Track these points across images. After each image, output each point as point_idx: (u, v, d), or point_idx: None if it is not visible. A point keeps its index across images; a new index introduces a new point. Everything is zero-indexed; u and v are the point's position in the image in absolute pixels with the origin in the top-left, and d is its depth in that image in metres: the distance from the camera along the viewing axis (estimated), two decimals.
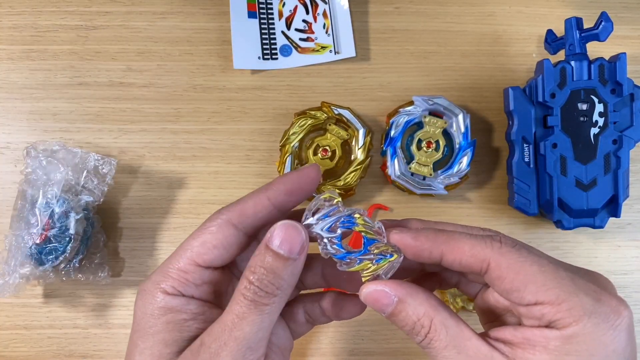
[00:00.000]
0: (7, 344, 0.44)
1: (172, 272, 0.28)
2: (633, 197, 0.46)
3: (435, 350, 0.26)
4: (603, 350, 0.23)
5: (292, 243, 0.27)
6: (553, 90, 0.42)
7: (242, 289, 0.26)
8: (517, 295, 0.25)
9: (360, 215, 0.28)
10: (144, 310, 0.28)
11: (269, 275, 0.26)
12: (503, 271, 0.25)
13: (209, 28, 0.47)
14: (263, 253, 0.27)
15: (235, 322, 0.26)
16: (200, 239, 0.29)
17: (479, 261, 0.26)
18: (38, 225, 0.40)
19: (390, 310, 0.27)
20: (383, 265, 0.28)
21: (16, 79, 0.46)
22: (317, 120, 0.44)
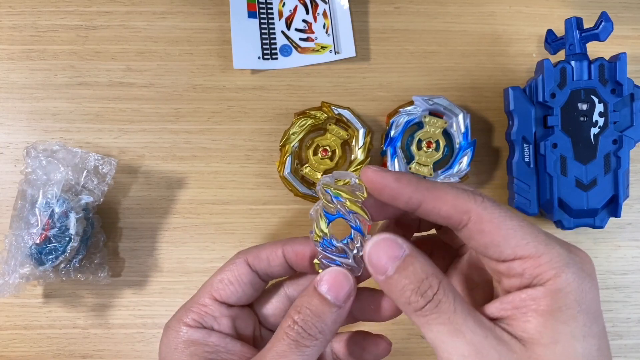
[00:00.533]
0: (7, 344, 0.44)
1: (192, 307, 0.30)
2: (633, 197, 0.46)
3: (443, 314, 0.24)
4: (585, 297, 0.24)
5: (340, 290, 0.27)
6: (553, 90, 0.42)
7: (286, 327, 0.27)
8: (496, 250, 0.24)
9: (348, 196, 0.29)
10: (169, 346, 0.29)
11: (314, 318, 0.27)
12: (485, 225, 0.24)
13: (208, 28, 0.47)
14: (310, 295, 0.28)
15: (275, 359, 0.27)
16: (219, 276, 0.30)
17: (460, 212, 0.25)
18: (38, 225, 0.40)
19: (397, 265, 0.25)
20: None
21: (16, 78, 0.46)
22: (317, 120, 0.44)
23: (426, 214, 0.26)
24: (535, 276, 0.24)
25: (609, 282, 0.46)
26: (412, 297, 0.25)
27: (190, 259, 0.45)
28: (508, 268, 0.25)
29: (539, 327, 0.23)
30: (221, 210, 0.46)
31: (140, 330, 0.45)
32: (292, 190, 0.44)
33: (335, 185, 0.29)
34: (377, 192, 0.26)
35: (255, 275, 0.31)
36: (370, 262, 0.26)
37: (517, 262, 0.24)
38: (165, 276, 0.45)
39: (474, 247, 0.26)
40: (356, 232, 0.29)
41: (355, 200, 0.28)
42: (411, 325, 0.45)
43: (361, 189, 0.28)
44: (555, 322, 0.23)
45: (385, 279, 0.26)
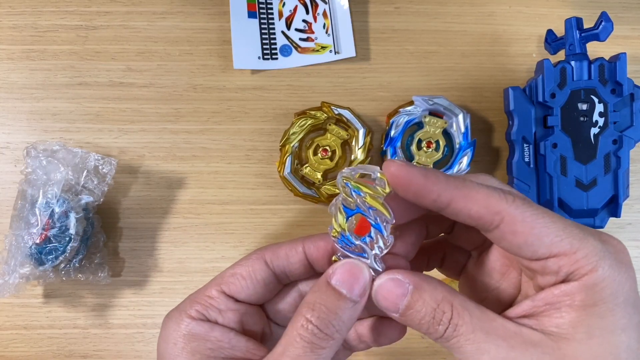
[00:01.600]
0: (7, 344, 0.44)
1: (198, 298, 0.28)
2: (633, 197, 0.46)
3: (463, 336, 0.23)
4: (622, 289, 0.23)
5: (354, 283, 0.25)
6: (553, 90, 0.42)
7: (299, 328, 0.25)
8: (530, 250, 0.23)
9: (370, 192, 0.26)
10: (167, 339, 0.27)
11: (330, 315, 0.25)
12: (518, 225, 0.23)
13: (208, 28, 0.47)
14: (324, 290, 0.25)
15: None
16: (232, 270, 0.28)
17: (492, 213, 0.23)
18: (38, 225, 0.40)
19: (406, 302, 0.24)
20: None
21: (16, 78, 0.46)
22: (317, 120, 0.44)
23: (454, 214, 0.24)
24: (570, 272, 0.23)
25: None
26: (430, 328, 0.24)
27: (190, 259, 0.45)
28: (543, 266, 0.24)
29: (573, 322, 0.22)
30: (221, 210, 0.46)
31: (140, 330, 0.45)
32: (292, 190, 0.44)
33: (355, 178, 0.27)
34: (402, 188, 0.25)
35: (271, 274, 0.29)
36: (379, 304, 0.25)
37: (552, 260, 0.23)
38: (165, 276, 0.45)
39: (506, 248, 0.25)
40: (376, 230, 0.26)
41: (376, 196, 0.26)
42: None
43: (383, 184, 0.26)
44: (590, 316, 0.22)
45: (399, 317, 0.25)
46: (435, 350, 0.45)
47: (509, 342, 0.23)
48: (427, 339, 0.45)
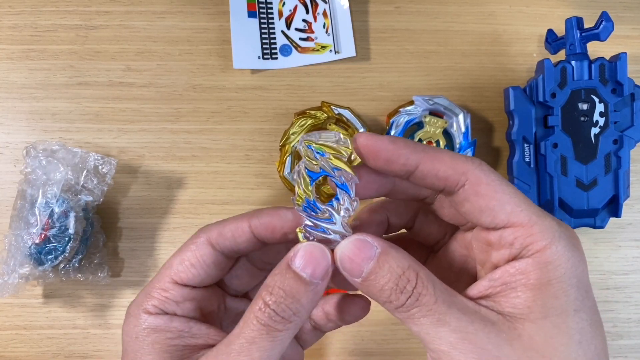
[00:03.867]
0: (6, 345, 0.44)
1: (153, 292, 0.27)
2: (634, 197, 0.46)
3: (425, 306, 0.23)
4: (575, 271, 0.23)
5: (316, 266, 0.25)
6: (553, 90, 0.42)
7: (256, 311, 0.24)
8: (490, 215, 0.24)
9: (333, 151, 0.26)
10: (129, 334, 0.27)
11: (288, 299, 0.24)
12: (482, 187, 0.24)
13: (208, 28, 0.47)
14: (283, 273, 0.25)
15: (244, 346, 0.24)
16: (179, 257, 0.28)
17: (458, 173, 0.24)
18: (37, 225, 0.40)
19: (372, 266, 0.24)
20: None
21: (15, 78, 0.46)
22: (317, 120, 0.44)
23: (422, 177, 0.25)
24: (525, 246, 0.23)
25: (609, 283, 0.46)
26: (391, 295, 0.23)
27: None
28: (499, 237, 0.24)
29: (527, 302, 0.23)
30: (221, 210, 0.46)
31: None
32: (292, 190, 0.44)
33: (318, 140, 0.26)
34: (372, 156, 0.25)
35: (219, 255, 0.28)
36: (343, 267, 0.25)
37: (509, 230, 0.24)
38: None
39: (467, 212, 0.25)
40: (342, 191, 0.26)
41: (340, 156, 0.26)
42: None
43: (346, 144, 0.26)
44: (544, 296, 0.23)
45: (361, 282, 0.24)
46: None
47: (470, 316, 0.23)
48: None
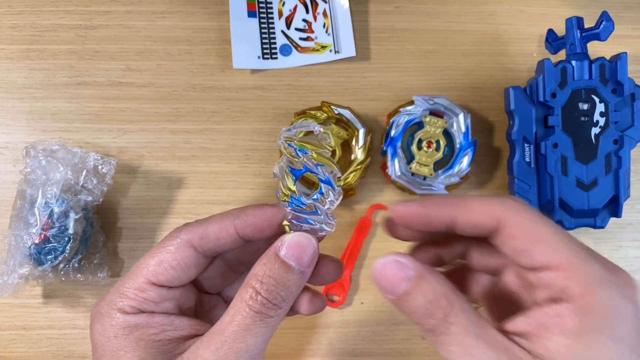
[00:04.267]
0: (6, 345, 0.44)
1: (128, 292, 0.27)
2: (634, 197, 0.46)
3: (453, 336, 0.23)
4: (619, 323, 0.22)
5: (302, 254, 0.26)
6: (554, 89, 0.42)
7: (248, 299, 0.25)
8: (527, 256, 0.23)
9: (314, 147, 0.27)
10: (105, 333, 0.26)
11: (278, 287, 0.26)
12: (516, 229, 0.24)
13: (208, 27, 0.47)
14: (272, 262, 0.26)
15: (239, 333, 0.25)
16: (157, 258, 0.28)
17: (492, 218, 0.24)
18: (37, 225, 0.39)
19: (405, 288, 0.24)
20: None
21: (15, 78, 0.46)
22: (317, 120, 0.44)
23: (462, 229, 0.25)
24: (563, 289, 0.22)
25: None
26: (422, 319, 0.24)
27: None
28: (538, 278, 0.23)
29: (559, 348, 0.22)
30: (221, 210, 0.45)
31: None
32: None
33: (298, 137, 0.27)
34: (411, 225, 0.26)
35: (200, 256, 0.28)
36: (379, 283, 0.25)
37: (546, 272, 0.23)
38: None
39: (507, 254, 0.25)
40: (326, 185, 0.27)
41: (322, 152, 0.27)
42: (411, 325, 0.45)
43: (327, 138, 0.27)
44: (579, 345, 0.22)
45: (395, 300, 0.25)
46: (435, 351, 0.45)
47: (497, 353, 0.22)
48: (427, 339, 0.45)
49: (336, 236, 0.45)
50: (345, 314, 0.45)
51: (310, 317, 0.45)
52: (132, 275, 0.28)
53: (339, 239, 0.45)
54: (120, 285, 0.28)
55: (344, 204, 0.46)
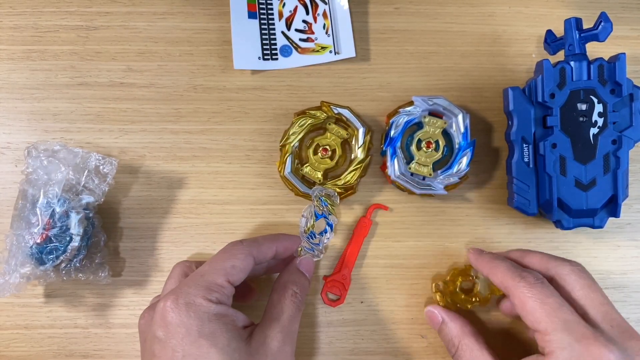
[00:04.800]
0: (7, 344, 0.45)
1: (214, 287, 0.35)
2: (632, 197, 0.46)
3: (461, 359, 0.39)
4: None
5: (310, 269, 0.42)
6: (552, 90, 0.42)
7: (291, 296, 0.39)
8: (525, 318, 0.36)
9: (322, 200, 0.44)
10: (201, 317, 0.33)
11: (304, 289, 0.40)
12: (516, 300, 0.36)
13: (209, 28, 0.47)
14: (298, 273, 0.41)
15: (291, 320, 0.37)
16: (231, 262, 0.37)
17: (504, 287, 0.38)
18: (39, 224, 0.40)
19: (439, 327, 0.42)
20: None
21: (17, 79, 0.46)
22: (316, 120, 0.44)
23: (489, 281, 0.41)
24: (543, 347, 0.34)
25: (608, 282, 0.46)
26: (448, 347, 0.41)
27: (191, 259, 0.45)
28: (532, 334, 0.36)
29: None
30: (221, 210, 0.46)
31: None
32: (292, 190, 0.44)
33: (323, 194, 0.43)
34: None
35: (254, 264, 0.38)
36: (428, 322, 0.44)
37: (536, 333, 0.35)
38: (165, 276, 0.45)
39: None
40: (329, 227, 0.43)
41: (334, 205, 0.44)
42: (411, 325, 0.45)
43: (336, 198, 0.43)
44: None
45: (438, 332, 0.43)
46: (435, 351, 0.45)
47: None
48: (427, 338, 0.45)
49: (336, 236, 0.46)
50: (345, 313, 0.45)
51: (310, 317, 0.45)
52: (212, 274, 0.36)
53: (339, 239, 0.46)
54: (202, 280, 0.35)
55: (344, 204, 0.46)
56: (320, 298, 0.45)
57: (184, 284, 0.35)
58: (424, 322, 0.45)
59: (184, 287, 0.35)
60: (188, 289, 0.35)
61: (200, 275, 0.36)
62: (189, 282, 0.35)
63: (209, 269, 0.36)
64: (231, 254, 0.37)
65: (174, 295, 0.34)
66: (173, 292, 0.35)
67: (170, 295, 0.34)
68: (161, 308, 0.34)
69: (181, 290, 0.35)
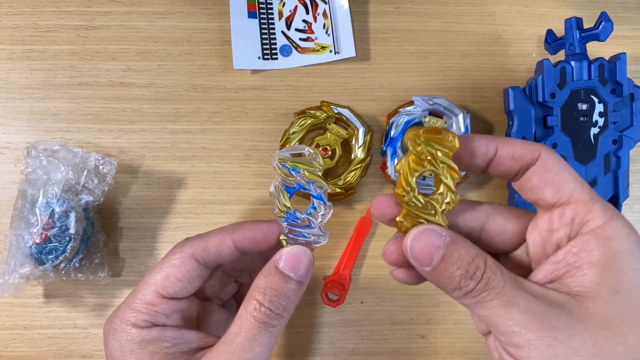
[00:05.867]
0: (7, 344, 0.44)
1: (139, 306, 0.29)
2: (633, 197, 0.46)
3: (494, 290, 0.24)
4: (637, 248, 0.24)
5: (300, 266, 0.28)
6: (553, 90, 0.42)
7: (252, 311, 0.27)
8: (555, 189, 0.25)
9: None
10: (121, 349, 0.28)
11: (280, 297, 0.28)
12: (550, 163, 0.25)
13: (209, 28, 0.47)
14: (273, 274, 0.28)
15: (246, 344, 0.27)
16: (163, 272, 0.30)
17: (531, 152, 0.26)
18: (38, 224, 0.40)
19: (442, 253, 0.25)
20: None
21: (16, 78, 0.46)
22: (316, 120, 0.44)
23: (501, 161, 0.26)
24: (585, 222, 0.24)
25: None
26: (462, 282, 0.24)
27: None
28: (560, 215, 0.25)
29: (595, 279, 0.23)
30: (221, 210, 0.46)
31: None
32: None
33: (291, 158, 0.30)
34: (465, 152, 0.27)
35: (203, 268, 0.31)
36: (413, 256, 0.26)
37: (570, 206, 0.25)
38: None
39: (533, 188, 0.26)
40: (318, 200, 0.30)
41: (313, 170, 0.30)
42: (411, 325, 0.45)
43: (317, 158, 0.30)
44: (611, 271, 0.23)
45: (431, 270, 0.25)
46: (436, 351, 0.45)
47: (538, 299, 0.23)
48: (427, 339, 0.45)
49: (336, 235, 0.45)
50: (345, 313, 0.45)
51: (310, 317, 0.45)
52: (141, 290, 0.29)
53: (339, 239, 0.46)
54: (131, 300, 0.29)
55: (345, 203, 0.46)
56: (320, 298, 0.45)
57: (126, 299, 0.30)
58: (425, 322, 0.45)
59: (122, 304, 0.30)
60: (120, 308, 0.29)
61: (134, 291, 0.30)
62: (128, 298, 0.30)
63: (141, 282, 0.30)
64: (165, 260, 0.30)
65: (112, 315, 0.30)
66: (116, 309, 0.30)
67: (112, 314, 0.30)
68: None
69: (117, 309, 0.30)
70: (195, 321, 0.32)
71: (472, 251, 0.25)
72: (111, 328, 0.29)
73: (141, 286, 0.30)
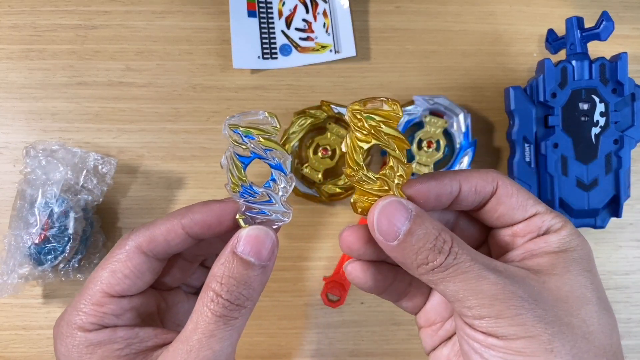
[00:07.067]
0: (6, 345, 0.44)
1: (85, 308, 0.26)
2: (634, 197, 0.46)
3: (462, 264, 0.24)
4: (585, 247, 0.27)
5: (262, 249, 0.25)
6: (554, 89, 0.42)
7: (208, 303, 0.24)
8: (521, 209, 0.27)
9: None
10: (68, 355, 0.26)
11: (240, 286, 0.24)
12: (510, 189, 0.27)
13: (208, 27, 0.47)
14: (230, 260, 0.24)
15: (203, 341, 0.24)
16: (109, 269, 0.27)
17: (490, 182, 0.27)
18: (37, 225, 0.39)
19: (408, 226, 0.24)
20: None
21: (15, 78, 0.46)
22: (316, 119, 0.44)
23: (465, 197, 0.27)
24: (551, 225, 0.27)
25: (610, 283, 0.46)
26: (429, 256, 0.24)
27: None
28: (527, 225, 0.27)
29: (551, 262, 0.26)
30: None
31: None
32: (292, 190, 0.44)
33: (243, 123, 0.25)
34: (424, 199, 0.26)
35: (152, 260, 0.27)
36: (379, 230, 0.24)
37: (537, 217, 0.27)
38: None
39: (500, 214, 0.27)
40: (277, 170, 0.26)
41: (270, 136, 0.25)
42: (411, 325, 0.45)
43: (273, 122, 0.25)
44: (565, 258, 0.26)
45: (398, 244, 0.24)
46: None
47: (504, 273, 0.24)
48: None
49: (336, 235, 0.45)
50: (345, 314, 0.45)
51: (310, 317, 0.45)
52: (87, 290, 0.27)
53: None
54: (77, 302, 0.27)
55: (345, 203, 0.46)
56: (320, 299, 0.45)
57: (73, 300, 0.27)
58: None
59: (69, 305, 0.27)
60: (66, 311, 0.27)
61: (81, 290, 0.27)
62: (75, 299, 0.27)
63: (87, 281, 0.27)
64: (110, 256, 0.27)
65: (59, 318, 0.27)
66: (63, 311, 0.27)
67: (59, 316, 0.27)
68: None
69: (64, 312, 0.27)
70: (156, 316, 0.29)
71: (438, 225, 0.24)
72: (58, 332, 0.26)
73: (87, 285, 0.27)
